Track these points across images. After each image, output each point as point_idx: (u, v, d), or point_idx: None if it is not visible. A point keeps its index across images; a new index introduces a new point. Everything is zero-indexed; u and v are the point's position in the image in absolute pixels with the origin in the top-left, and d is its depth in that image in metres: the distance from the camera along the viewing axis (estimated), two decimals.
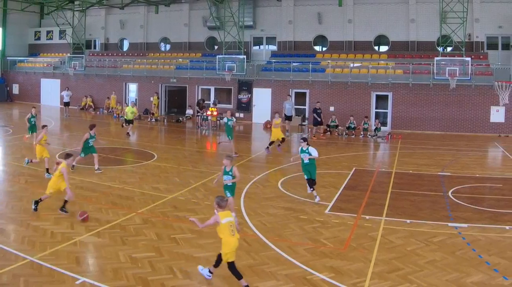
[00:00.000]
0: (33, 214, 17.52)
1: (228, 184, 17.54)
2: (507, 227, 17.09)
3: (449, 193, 22.02)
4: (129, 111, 39.78)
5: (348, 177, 25.16)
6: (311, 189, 20.63)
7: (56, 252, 14.00)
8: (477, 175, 26.30)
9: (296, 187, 22.71)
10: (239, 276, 12.10)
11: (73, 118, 50.95)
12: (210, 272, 12.71)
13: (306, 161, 20.65)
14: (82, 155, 25.10)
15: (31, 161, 24.82)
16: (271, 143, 31.55)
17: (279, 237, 15.81)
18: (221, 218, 12.10)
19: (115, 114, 53.11)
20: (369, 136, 41.26)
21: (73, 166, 24.47)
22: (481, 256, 14.43)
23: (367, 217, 18.16)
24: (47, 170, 23.45)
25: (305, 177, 20.81)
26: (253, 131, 46.88)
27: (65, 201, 17.74)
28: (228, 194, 17.34)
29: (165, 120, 51.38)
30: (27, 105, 59.88)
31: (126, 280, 12.40)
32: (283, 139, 32.15)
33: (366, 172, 27.32)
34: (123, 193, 21.12)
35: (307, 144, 20.81)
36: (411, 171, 27.24)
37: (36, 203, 17.89)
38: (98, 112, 57.16)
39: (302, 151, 20.77)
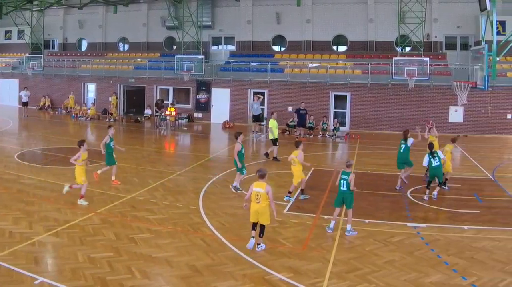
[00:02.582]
0: None
1: None
2: (465, 227, 17.25)
3: (408, 193, 22.11)
4: (274, 126, 31.62)
5: (307, 177, 25.08)
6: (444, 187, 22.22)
7: (14, 252, 13.88)
8: None
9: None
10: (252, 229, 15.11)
11: (31, 118, 50.35)
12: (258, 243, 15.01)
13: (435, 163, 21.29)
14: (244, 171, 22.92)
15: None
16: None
17: (237, 237, 15.77)
18: (253, 186, 14.94)
19: (73, 114, 52.59)
20: (328, 136, 41.29)
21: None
22: (439, 256, 14.49)
23: (326, 217, 18.16)
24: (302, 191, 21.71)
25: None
26: (212, 131, 46.70)
27: None
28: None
29: (123, 120, 51.07)
30: None
31: (84, 280, 12.31)
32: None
33: (325, 172, 27.29)
34: None
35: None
36: (369, 171, 27.30)
37: None
38: (56, 112, 56.46)
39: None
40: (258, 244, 14.83)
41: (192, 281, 12.44)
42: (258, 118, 41.69)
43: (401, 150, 23.03)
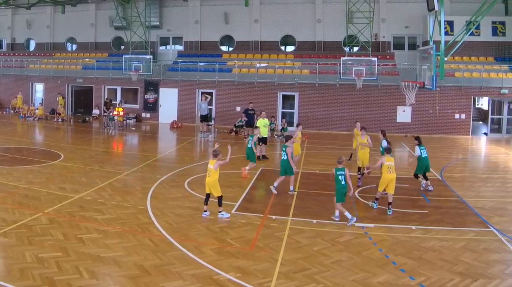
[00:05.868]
0: None
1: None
2: (413, 227, 17.41)
3: (356, 193, 22.17)
4: (262, 124, 32.21)
5: (255, 177, 25.15)
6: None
7: None
8: None
9: (203, 187, 22.48)
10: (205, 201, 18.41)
11: None
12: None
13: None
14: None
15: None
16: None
17: (185, 237, 15.75)
18: (208, 163, 18.18)
19: (21, 114, 52.13)
20: (276, 137, 41.26)
21: None
22: (387, 256, 14.60)
23: (274, 217, 18.24)
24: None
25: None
26: (160, 131, 46.51)
27: None
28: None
29: (71, 120, 50.59)
30: None
31: (32, 280, 12.21)
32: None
33: (273, 172, 27.26)
34: (30, 193, 20.76)
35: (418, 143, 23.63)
36: (317, 171, 27.45)
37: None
38: (4, 112, 55.84)
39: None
40: (220, 212, 18.11)
41: (140, 281, 12.40)
42: (205, 118, 41.60)
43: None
